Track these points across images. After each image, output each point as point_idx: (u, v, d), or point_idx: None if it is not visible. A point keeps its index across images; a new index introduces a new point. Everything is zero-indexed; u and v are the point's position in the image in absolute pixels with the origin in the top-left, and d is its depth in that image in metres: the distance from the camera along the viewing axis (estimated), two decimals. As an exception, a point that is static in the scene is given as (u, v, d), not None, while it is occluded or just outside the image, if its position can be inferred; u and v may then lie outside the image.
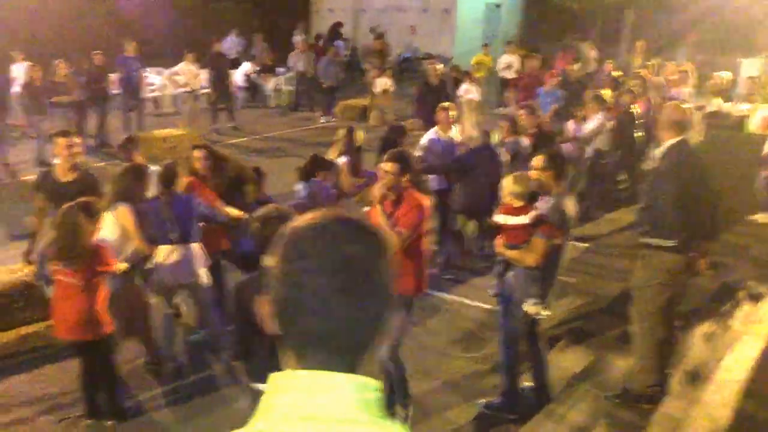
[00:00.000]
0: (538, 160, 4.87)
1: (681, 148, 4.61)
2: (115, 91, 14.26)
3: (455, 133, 8.36)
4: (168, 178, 5.40)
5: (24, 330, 6.03)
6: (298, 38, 20.47)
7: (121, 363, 5.31)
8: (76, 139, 5.84)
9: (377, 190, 4.78)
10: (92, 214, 4.71)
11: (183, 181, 5.57)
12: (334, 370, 1.20)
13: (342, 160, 7.03)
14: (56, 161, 5.96)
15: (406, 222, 4.65)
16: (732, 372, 5.02)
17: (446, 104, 8.30)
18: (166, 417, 5.32)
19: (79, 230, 4.57)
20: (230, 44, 19.04)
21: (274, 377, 1.26)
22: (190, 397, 5.55)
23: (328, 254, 1.21)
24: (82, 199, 4.85)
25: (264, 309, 1.30)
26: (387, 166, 4.75)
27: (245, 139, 14.68)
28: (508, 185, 4.80)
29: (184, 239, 5.36)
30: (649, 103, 10.96)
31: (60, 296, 4.73)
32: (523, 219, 4.74)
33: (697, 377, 5.16)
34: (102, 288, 4.79)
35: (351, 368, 1.22)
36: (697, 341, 5.52)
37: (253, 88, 18.19)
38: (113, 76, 13.88)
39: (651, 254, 4.77)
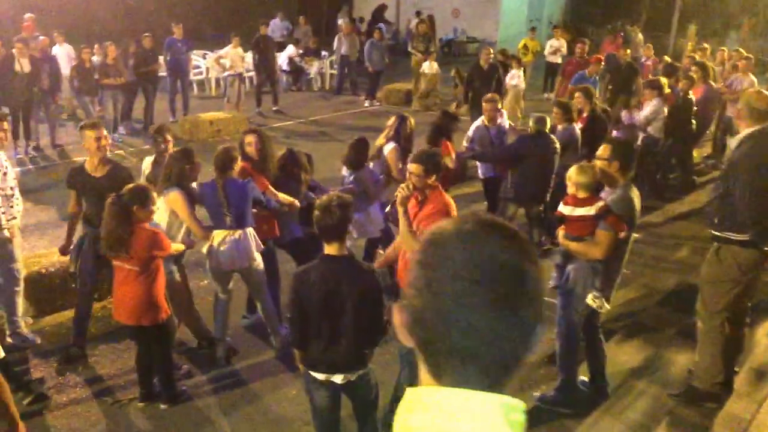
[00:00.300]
0: (604, 150, 4.70)
1: (759, 138, 4.40)
2: (162, 74, 14.38)
3: (505, 121, 8.21)
4: (225, 162, 5.35)
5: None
6: (341, 21, 20.39)
7: (175, 347, 5.35)
8: (105, 131, 5.60)
9: (401, 191, 4.53)
10: (145, 201, 4.70)
11: (238, 166, 5.52)
12: (477, 389, 1.08)
13: (390, 147, 6.91)
14: (87, 156, 5.76)
15: (430, 225, 4.40)
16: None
17: (491, 96, 8.13)
18: (217, 401, 5.32)
19: (124, 221, 4.56)
20: (274, 27, 19.03)
21: (410, 394, 1.15)
22: (241, 381, 5.54)
23: (478, 261, 1.09)
24: (134, 185, 4.85)
25: (397, 319, 1.20)
26: (412, 167, 4.55)
27: (290, 122, 14.67)
28: (573, 175, 4.64)
29: (240, 224, 5.33)
30: (710, 90, 10.60)
31: (119, 281, 4.75)
32: (589, 210, 4.59)
33: (764, 376, 4.98)
34: (160, 274, 4.80)
35: (497, 387, 1.10)
36: (763, 339, 5.32)
37: (296, 71, 18.15)
38: (161, 59, 13.96)
39: (722, 248, 4.59)
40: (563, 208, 4.76)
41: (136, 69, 12.89)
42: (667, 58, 13.50)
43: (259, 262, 5.52)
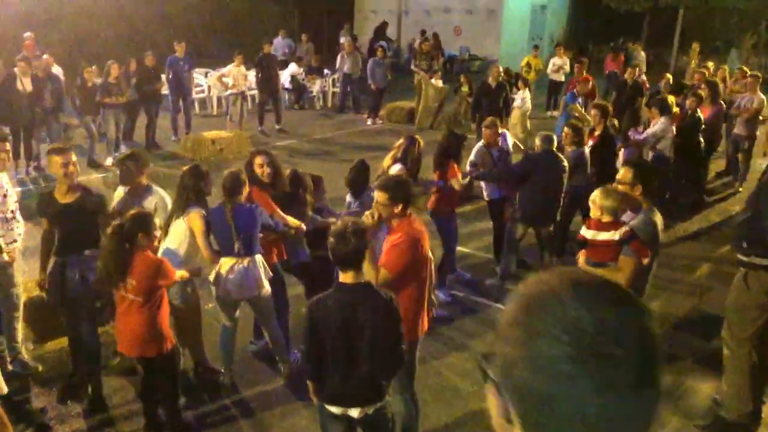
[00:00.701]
0: (625, 174, 4.57)
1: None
2: (164, 92, 14.28)
3: (508, 141, 8.09)
4: (234, 187, 5.19)
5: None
6: (344, 39, 20.36)
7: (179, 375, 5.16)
8: (73, 157, 5.17)
9: (365, 218, 4.28)
10: (148, 228, 4.55)
11: (246, 190, 5.36)
12: None
13: (396, 168, 6.76)
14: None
15: (388, 261, 4.11)
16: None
17: (490, 121, 7.98)
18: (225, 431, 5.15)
19: (125, 251, 4.43)
20: (277, 46, 18.98)
21: None
22: (248, 411, 5.37)
23: (592, 331, 0.92)
24: (137, 212, 4.69)
25: (491, 399, 1.04)
26: (377, 195, 4.28)
27: (293, 141, 14.56)
28: (597, 199, 4.50)
29: (248, 251, 5.17)
30: (719, 108, 10.51)
31: (121, 312, 4.59)
32: (613, 235, 4.44)
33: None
34: (164, 302, 4.64)
35: None
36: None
37: (299, 89, 18.08)
38: (163, 78, 13.87)
39: (749, 274, 4.44)
40: (585, 232, 4.61)
41: (138, 88, 12.79)
42: (669, 76, 13.40)
43: (267, 289, 5.37)
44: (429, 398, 5.45)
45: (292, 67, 17.87)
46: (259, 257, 5.26)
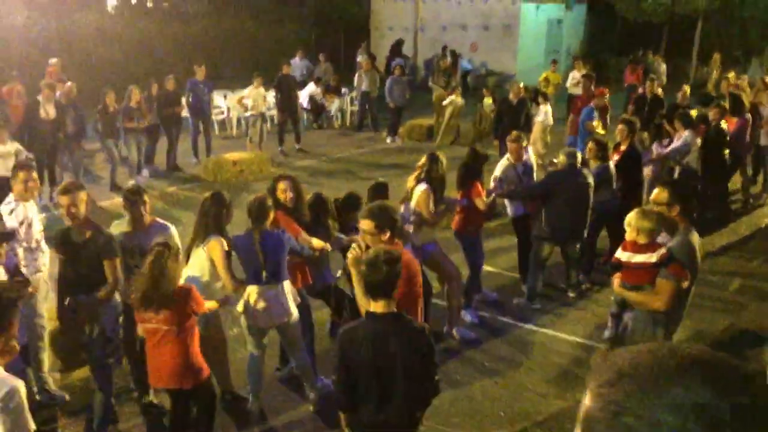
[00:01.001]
0: (660, 194, 4.46)
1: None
2: (184, 115, 14.36)
3: (531, 157, 7.99)
4: (260, 213, 5.13)
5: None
6: (360, 58, 20.41)
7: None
8: (82, 195, 4.96)
9: (352, 251, 4.17)
10: (176, 256, 4.52)
11: (272, 215, 5.30)
12: None
13: (421, 188, 6.68)
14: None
15: None
16: None
17: (516, 135, 7.90)
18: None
19: (165, 275, 4.36)
20: (294, 66, 19.06)
21: None
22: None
23: (729, 420, 0.85)
24: (162, 240, 4.65)
25: None
26: (362, 224, 4.23)
27: (313, 161, 14.55)
28: (634, 220, 4.39)
29: (276, 278, 5.11)
30: (745, 121, 10.34)
31: (154, 344, 4.53)
32: (650, 257, 4.33)
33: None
34: (196, 331, 4.58)
35: None
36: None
37: (317, 109, 18.11)
38: (182, 100, 13.94)
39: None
40: (621, 254, 4.49)
41: (159, 111, 12.85)
42: (686, 88, 13.19)
43: (296, 316, 5.30)
44: (460, 422, 5.35)
45: (311, 87, 17.92)
46: (287, 283, 5.20)
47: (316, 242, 5.67)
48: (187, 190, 12.06)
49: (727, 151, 10.06)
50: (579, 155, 7.43)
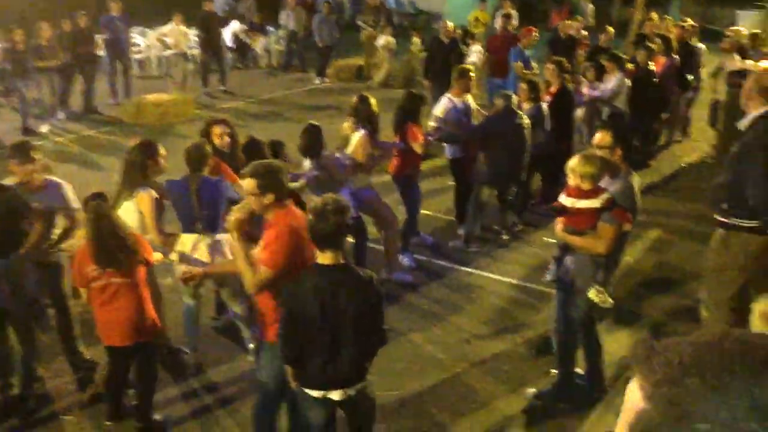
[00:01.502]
0: (603, 137, 4.44)
1: (771, 119, 4.22)
2: (100, 53, 13.58)
3: (469, 98, 7.88)
4: (200, 159, 4.87)
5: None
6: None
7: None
8: None
9: (233, 214, 3.90)
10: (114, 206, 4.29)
11: (211, 162, 5.03)
12: None
13: (360, 133, 6.51)
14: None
15: (269, 257, 3.73)
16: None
17: (468, 67, 7.79)
18: (192, 416, 4.94)
19: (113, 227, 4.13)
20: (217, 3, 18.21)
21: None
22: (217, 392, 5.17)
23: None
24: (96, 193, 4.37)
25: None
26: (244, 183, 3.85)
27: (239, 102, 14.07)
28: (577, 166, 4.34)
29: (213, 228, 4.89)
30: (672, 61, 10.50)
31: (106, 300, 4.27)
32: (593, 203, 4.31)
33: None
34: (145, 281, 4.37)
35: None
36: (756, 321, 5.18)
37: (241, 48, 17.45)
38: (98, 38, 13.15)
39: (729, 235, 4.40)
40: (564, 200, 4.47)
41: (72, 50, 12.07)
42: (610, 29, 13.23)
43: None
44: (403, 368, 5.35)
45: (234, 25, 17.21)
46: (224, 235, 5.00)
47: None
48: (107, 133, 11.49)
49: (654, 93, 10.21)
50: (515, 97, 7.38)
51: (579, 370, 4.98)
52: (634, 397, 0.88)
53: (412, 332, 5.89)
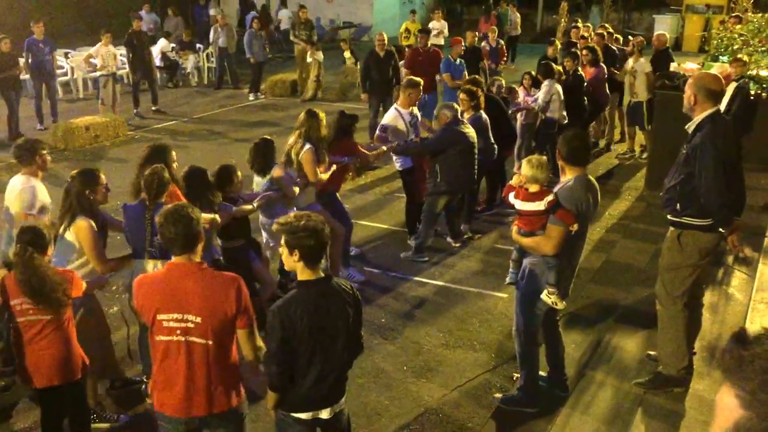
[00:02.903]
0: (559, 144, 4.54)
1: (716, 119, 4.36)
2: (24, 77, 13.10)
3: (417, 110, 7.93)
4: (160, 186, 4.67)
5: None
6: (214, 11, 19.48)
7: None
8: None
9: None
10: (43, 244, 4.02)
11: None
12: None
13: (306, 149, 6.43)
14: None
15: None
16: (753, 345, 4.89)
17: (417, 79, 7.85)
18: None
19: (37, 267, 3.89)
20: (143, 21, 17.85)
21: None
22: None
23: None
24: (27, 227, 4.09)
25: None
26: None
27: (173, 122, 13.77)
28: (523, 170, 4.45)
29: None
30: (601, 70, 10.83)
31: (31, 338, 4.00)
32: (539, 205, 4.42)
33: (716, 353, 5.02)
34: (72, 319, 4.15)
35: None
36: (706, 314, 5.36)
37: (171, 66, 17.12)
38: (22, 62, 12.67)
39: (683, 233, 4.53)
40: (514, 201, 4.56)
41: (-6, 75, 11.61)
42: (557, 41, 13.57)
43: None
44: (365, 383, 5.28)
45: (162, 43, 16.87)
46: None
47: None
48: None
49: (586, 99, 10.49)
50: (457, 106, 7.45)
51: (541, 372, 5.03)
52: (727, 405, 0.87)
53: (371, 345, 5.82)
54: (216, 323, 3.30)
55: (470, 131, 7.25)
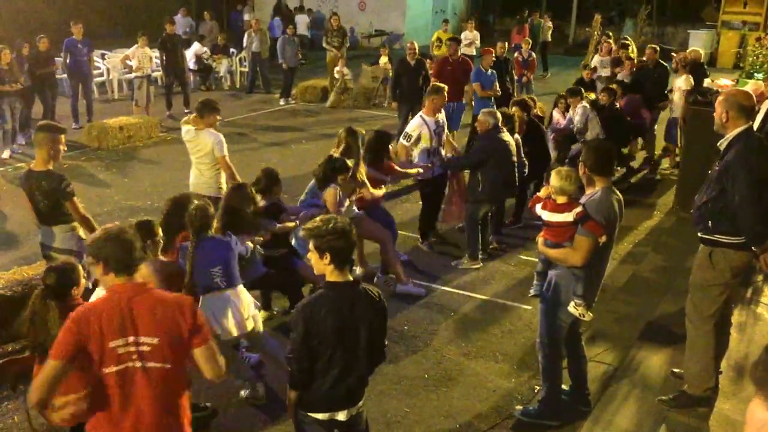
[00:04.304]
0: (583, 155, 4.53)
1: (749, 136, 4.32)
2: (60, 76, 13.35)
3: (442, 115, 7.93)
4: (203, 221, 4.70)
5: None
6: (248, 17, 19.69)
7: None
8: None
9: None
10: (77, 280, 3.95)
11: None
12: None
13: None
14: None
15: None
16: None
17: (441, 85, 7.87)
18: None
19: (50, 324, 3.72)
20: (177, 24, 18.10)
21: None
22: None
23: None
24: (59, 264, 4.02)
25: None
26: None
27: (204, 125, 13.91)
28: (552, 180, 4.44)
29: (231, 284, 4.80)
30: (632, 98, 10.84)
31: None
32: (567, 216, 4.40)
33: (743, 372, 4.95)
34: None
35: None
36: (733, 333, 5.29)
37: (204, 70, 17.34)
38: (58, 61, 12.94)
39: (714, 251, 4.47)
40: (541, 212, 4.55)
41: (32, 73, 11.86)
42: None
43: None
44: (386, 388, 5.28)
45: (196, 47, 17.10)
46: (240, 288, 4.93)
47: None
48: (69, 158, 11.19)
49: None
50: (498, 114, 7.42)
51: (564, 386, 5.00)
52: (758, 416, 0.88)
53: (393, 352, 5.83)
54: (173, 342, 3.01)
55: (510, 139, 7.29)
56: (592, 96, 10.41)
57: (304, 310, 3.32)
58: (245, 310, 4.79)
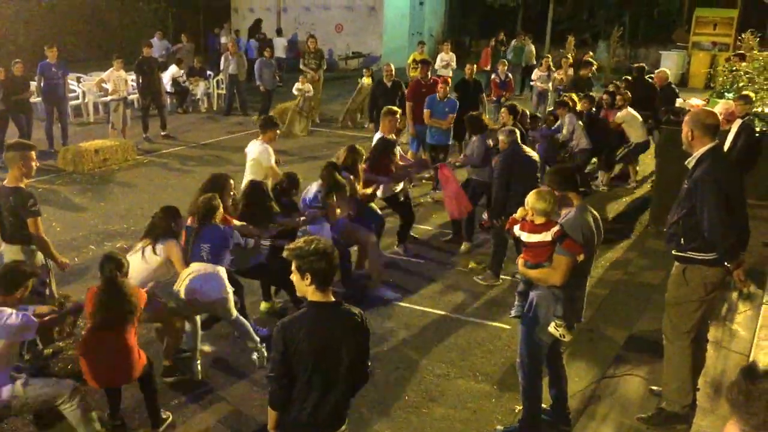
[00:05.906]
0: (553, 177, 4.62)
1: (716, 154, 4.40)
2: (35, 100, 13.25)
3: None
4: (204, 212, 5.67)
5: None
6: (225, 39, 19.72)
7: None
8: None
9: None
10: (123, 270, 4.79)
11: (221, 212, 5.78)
12: None
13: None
14: None
15: None
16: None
17: (394, 108, 8.36)
18: None
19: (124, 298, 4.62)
20: (154, 47, 18.09)
21: None
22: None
23: None
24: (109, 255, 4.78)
25: None
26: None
27: (181, 147, 13.89)
28: (531, 201, 4.48)
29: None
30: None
31: (97, 346, 4.63)
32: (545, 236, 4.44)
33: (720, 389, 4.99)
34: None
35: None
36: (710, 349, 5.34)
37: (181, 92, 17.30)
38: (33, 85, 12.85)
39: (687, 268, 4.53)
40: (520, 233, 4.59)
41: (5, 98, 11.76)
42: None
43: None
44: (368, 408, 5.26)
45: (172, 69, 17.07)
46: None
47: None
48: (44, 182, 11.11)
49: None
50: (517, 131, 7.48)
51: (544, 405, 5.00)
52: None
53: (376, 373, 5.80)
54: None
55: (531, 153, 7.47)
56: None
57: (283, 329, 3.30)
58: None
